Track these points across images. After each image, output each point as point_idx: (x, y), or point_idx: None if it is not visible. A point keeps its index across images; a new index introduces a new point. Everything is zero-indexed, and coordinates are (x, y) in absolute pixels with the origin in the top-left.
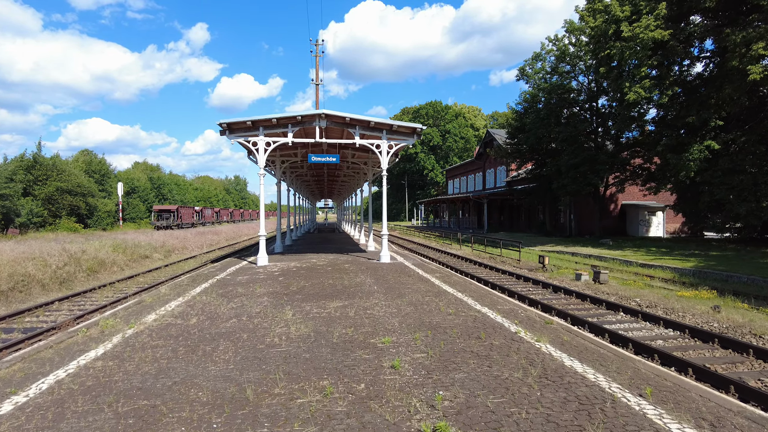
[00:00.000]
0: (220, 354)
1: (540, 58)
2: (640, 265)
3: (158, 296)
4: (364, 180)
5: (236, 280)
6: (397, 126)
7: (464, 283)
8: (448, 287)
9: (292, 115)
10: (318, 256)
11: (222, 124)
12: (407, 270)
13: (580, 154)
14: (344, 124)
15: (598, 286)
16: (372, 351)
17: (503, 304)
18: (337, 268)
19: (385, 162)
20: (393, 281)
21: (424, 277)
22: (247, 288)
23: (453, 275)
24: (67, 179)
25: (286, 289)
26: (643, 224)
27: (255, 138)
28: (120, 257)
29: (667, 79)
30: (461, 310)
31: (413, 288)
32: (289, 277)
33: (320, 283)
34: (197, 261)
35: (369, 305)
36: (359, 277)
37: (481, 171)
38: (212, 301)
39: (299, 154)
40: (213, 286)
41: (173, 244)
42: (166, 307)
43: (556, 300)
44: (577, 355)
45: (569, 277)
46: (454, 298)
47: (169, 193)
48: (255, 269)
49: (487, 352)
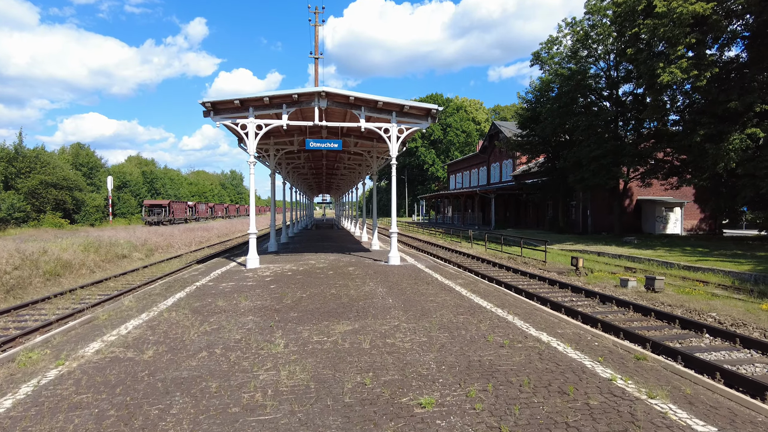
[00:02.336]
0: (169, 427)
1: (557, 41)
2: (683, 268)
3: (117, 311)
4: (367, 172)
5: (219, 289)
6: (408, 107)
7: (496, 293)
8: (480, 299)
9: (287, 93)
10: (317, 257)
11: (206, 104)
12: (423, 275)
13: (603, 145)
14: (347, 105)
15: (653, 296)
16: (409, 426)
17: (563, 325)
18: (340, 272)
19: (394, 149)
20: (410, 291)
21: (445, 284)
22: (229, 300)
23: (479, 282)
24: (51, 172)
25: (278, 302)
26: (660, 221)
27: (244, 120)
28: (91, 258)
29: (705, 60)
30: (514, 337)
31: (438, 301)
32: (282, 284)
33: (321, 294)
34: (181, 261)
35: (388, 330)
36: (368, 284)
37: (486, 165)
38: (182, 320)
39: (296, 142)
40: (189, 297)
41: (157, 242)
42: (120, 329)
43: (611, 314)
44: (732, 427)
45: (611, 282)
46: (496, 318)
47: (162, 187)
48: (243, 273)
49: (592, 426)
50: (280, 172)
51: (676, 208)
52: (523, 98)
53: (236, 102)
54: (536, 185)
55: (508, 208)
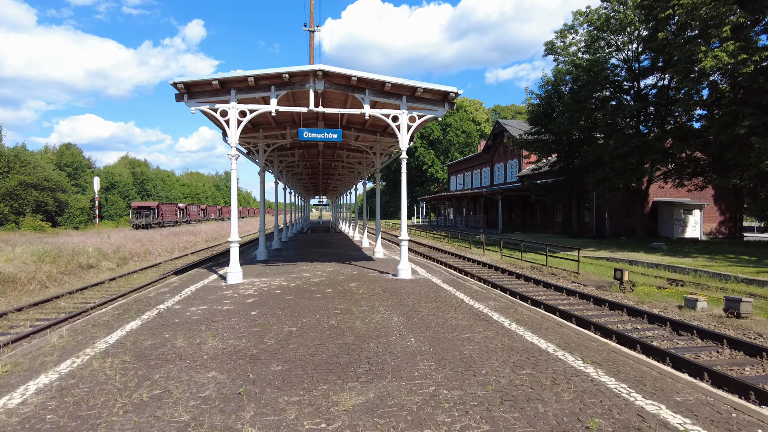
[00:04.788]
0: None
1: (572, 29)
2: (744, 281)
3: (32, 356)
4: (368, 171)
5: (185, 316)
6: (422, 89)
7: (547, 323)
8: (533, 336)
9: (276, 72)
10: (312, 268)
11: (178, 85)
12: (443, 294)
13: (629, 141)
14: (349, 87)
15: (740, 323)
16: None
17: (677, 386)
18: (341, 289)
19: (405, 140)
20: (435, 321)
21: (477, 310)
22: (192, 337)
23: (516, 305)
24: (32, 172)
25: (258, 342)
26: (679, 224)
27: (224, 105)
28: (46, 270)
29: (753, 43)
30: (623, 416)
31: (479, 341)
32: (267, 309)
33: (316, 327)
34: (157, 272)
35: (421, 403)
36: (378, 310)
37: (489, 165)
38: (114, 377)
39: (288, 135)
40: (142, 330)
41: (132, 248)
42: (13, 395)
43: (703, 352)
44: None
45: (670, 302)
46: (573, 372)
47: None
48: (222, 291)
49: None
50: (272, 170)
51: (695, 211)
52: (533, 93)
53: (215, 83)
54: (548, 186)
55: (514, 211)
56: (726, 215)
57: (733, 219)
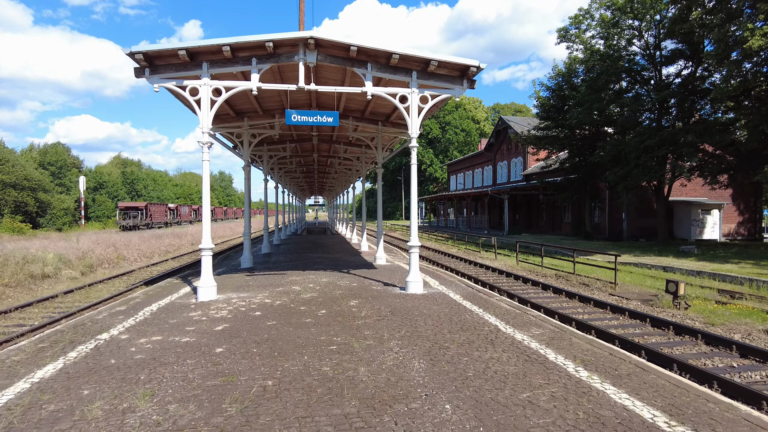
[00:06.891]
0: None
1: (588, 14)
2: None
3: None
4: (367, 166)
5: (126, 355)
6: (436, 63)
7: (631, 368)
8: (623, 395)
9: (258, 41)
10: (304, 278)
11: (136, 56)
12: (470, 318)
13: (656, 134)
14: (347, 60)
15: None
16: None
17: None
18: (338, 311)
19: (414, 125)
20: (474, 371)
21: (524, 346)
22: (119, 399)
23: (565, 331)
24: (11, 171)
25: (213, 411)
26: (697, 224)
27: (194, 82)
28: None
29: None
30: None
31: (546, 407)
32: (238, 346)
33: (302, 379)
34: (125, 282)
35: None
36: (388, 345)
37: (491, 164)
38: None
39: (277, 125)
40: (55, 381)
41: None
42: None
43: None
44: None
45: (751, 324)
46: None
47: (144, 189)
48: (188, 312)
49: None
50: (261, 166)
51: (714, 211)
52: (542, 85)
53: (182, 53)
54: (559, 184)
55: (519, 211)
56: (745, 215)
57: (753, 219)
